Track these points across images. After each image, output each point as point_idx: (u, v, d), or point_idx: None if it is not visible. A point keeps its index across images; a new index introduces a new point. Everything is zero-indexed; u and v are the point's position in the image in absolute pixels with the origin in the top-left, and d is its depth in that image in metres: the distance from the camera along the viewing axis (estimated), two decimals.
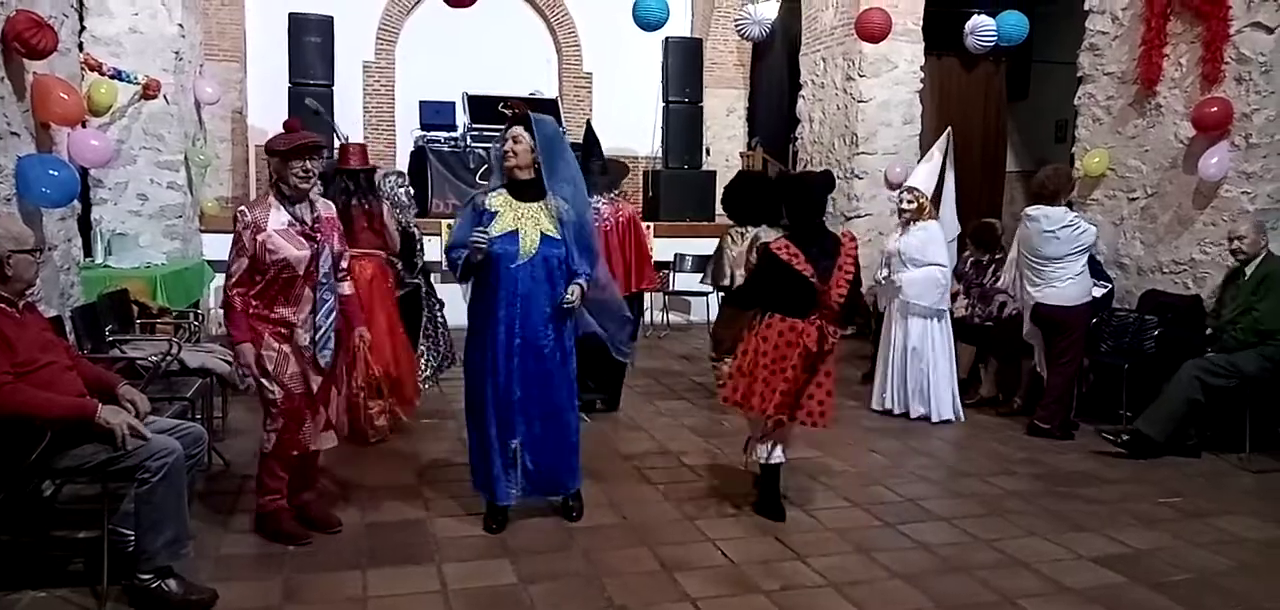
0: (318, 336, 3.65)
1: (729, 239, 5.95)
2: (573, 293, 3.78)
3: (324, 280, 3.66)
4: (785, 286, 3.93)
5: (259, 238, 3.56)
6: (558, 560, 3.63)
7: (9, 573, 3.26)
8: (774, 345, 3.94)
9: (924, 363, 5.90)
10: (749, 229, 5.82)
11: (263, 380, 3.61)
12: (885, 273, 6.09)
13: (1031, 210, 5.68)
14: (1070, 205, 5.80)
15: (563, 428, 3.95)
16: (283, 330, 3.61)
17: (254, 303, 3.60)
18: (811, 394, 3.95)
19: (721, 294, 6.19)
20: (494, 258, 3.74)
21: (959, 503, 4.43)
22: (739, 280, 5.64)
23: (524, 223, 3.78)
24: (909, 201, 5.96)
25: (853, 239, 4.08)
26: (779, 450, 4.12)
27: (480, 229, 3.74)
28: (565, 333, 3.90)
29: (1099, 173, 6.71)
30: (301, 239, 3.62)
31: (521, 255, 3.74)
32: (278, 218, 3.61)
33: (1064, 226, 5.53)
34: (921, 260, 5.86)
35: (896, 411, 5.97)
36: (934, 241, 5.92)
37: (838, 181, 9.21)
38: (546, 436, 3.91)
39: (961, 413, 5.96)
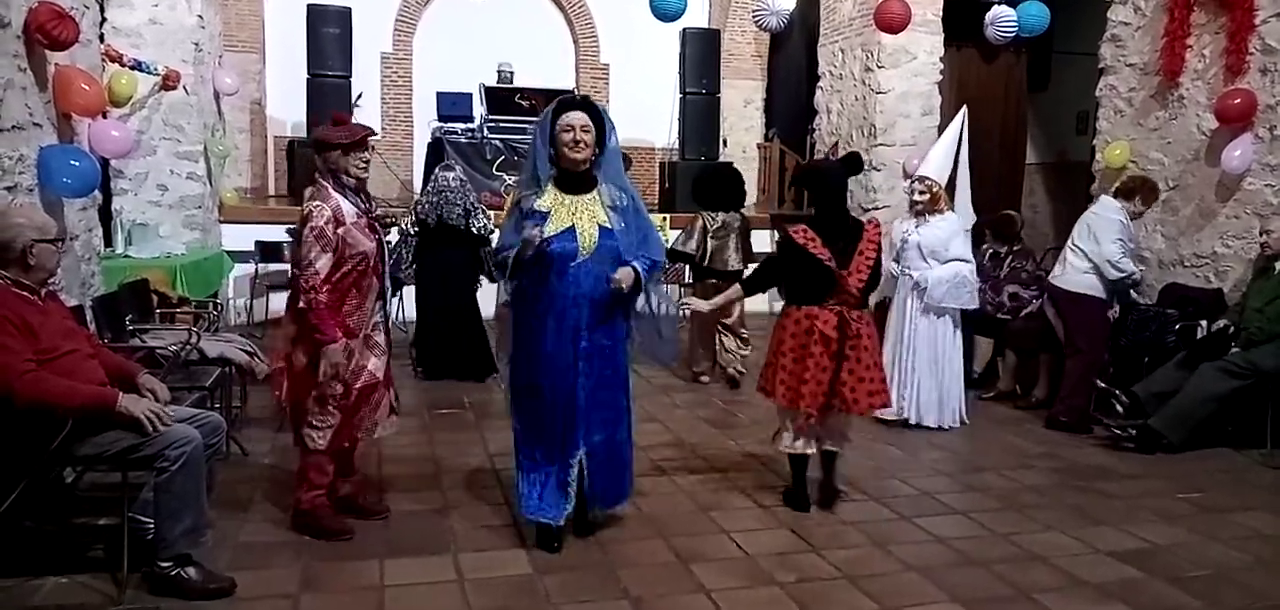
0: (383, 323, 3.73)
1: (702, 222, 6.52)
2: (621, 275, 3.43)
3: (386, 269, 3.72)
4: (802, 272, 3.94)
5: (340, 230, 3.49)
6: (573, 551, 3.63)
7: (32, 559, 3.30)
8: (792, 334, 3.98)
9: (940, 367, 5.47)
10: (719, 215, 6.50)
11: (333, 379, 3.52)
12: (896, 266, 5.60)
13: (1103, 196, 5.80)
14: (1132, 214, 5.64)
15: (623, 435, 3.70)
16: (348, 324, 3.56)
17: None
18: (844, 381, 3.94)
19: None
20: (552, 258, 3.43)
21: (976, 496, 4.41)
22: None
23: (579, 217, 3.48)
24: (921, 192, 5.45)
25: (876, 225, 4.06)
26: (828, 437, 4.12)
27: (534, 228, 3.42)
28: (623, 330, 3.63)
29: (1120, 165, 6.64)
30: (368, 229, 3.62)
31: (581, 252, 3.45)
32: (349, 209, 3.56)
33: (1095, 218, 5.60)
34: (945, 256, 5.39)
35: (910, 420, 5.45)
36: (957, 235, 5.45)
37: (851, 159, 9.14)
38: (606, 449, 3.63)
39: (965, 415, 5.59)
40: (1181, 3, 6.07)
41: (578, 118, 3.49)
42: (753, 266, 5.66)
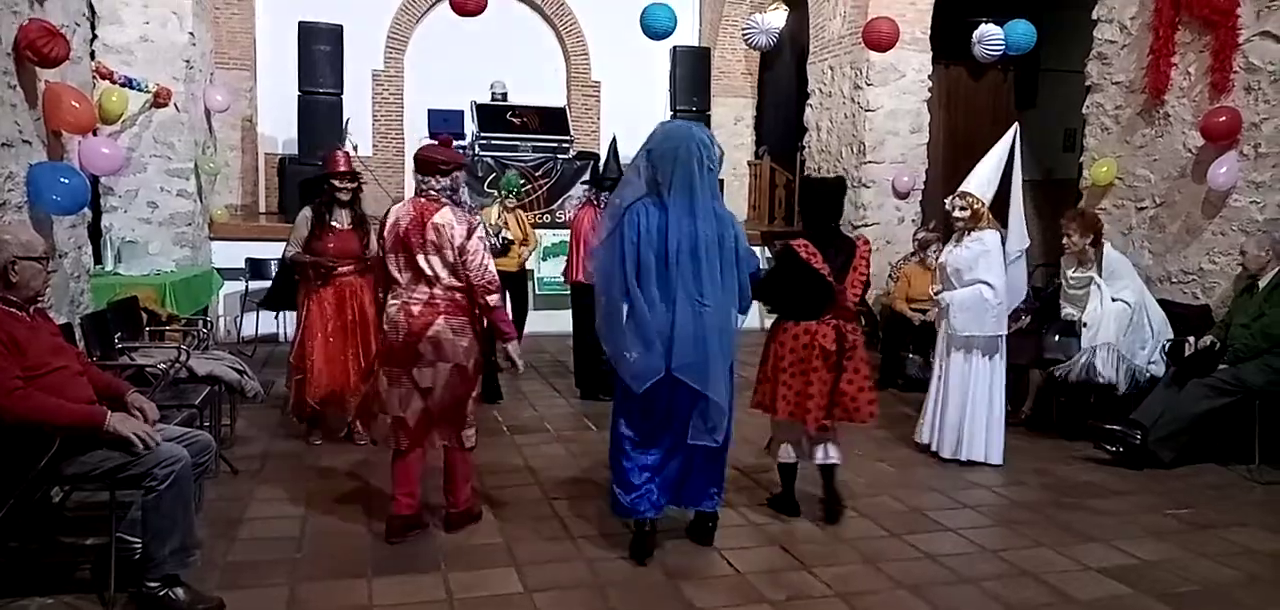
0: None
1: None
2: None
3: None
4: (803, 285, 4.05)
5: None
6: (563, 571, 3.63)
7: (17, 579, 3.28)
8: (790, 349, 4.09)
9: (967, 397, 5.14)
10: None
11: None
12: (937, 288, 5.36)
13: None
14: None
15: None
16: None
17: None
18: (844, 391, 4.07)
19: None
20: None
21: (966, 513, 4.42)
22: None
23: None
24: (961, 209, 5.13)
25: (866, 242, 4.23)
26: (825, 448, 4.20)
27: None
28: None
29: (1107, 182, 6.70)
30: None
31: None
32: None
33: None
34: (967, 277, 5.05)
35: (939, 452, 5.22)
36: (986, 255, 5.04)
37: (845, 181, 9.22)
38: None
39: (1000, 456, 5.19)
40: (1166, 22, 6.13)
41: None
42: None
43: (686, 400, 3.57)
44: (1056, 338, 5.84)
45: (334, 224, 5.19)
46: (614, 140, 6.88)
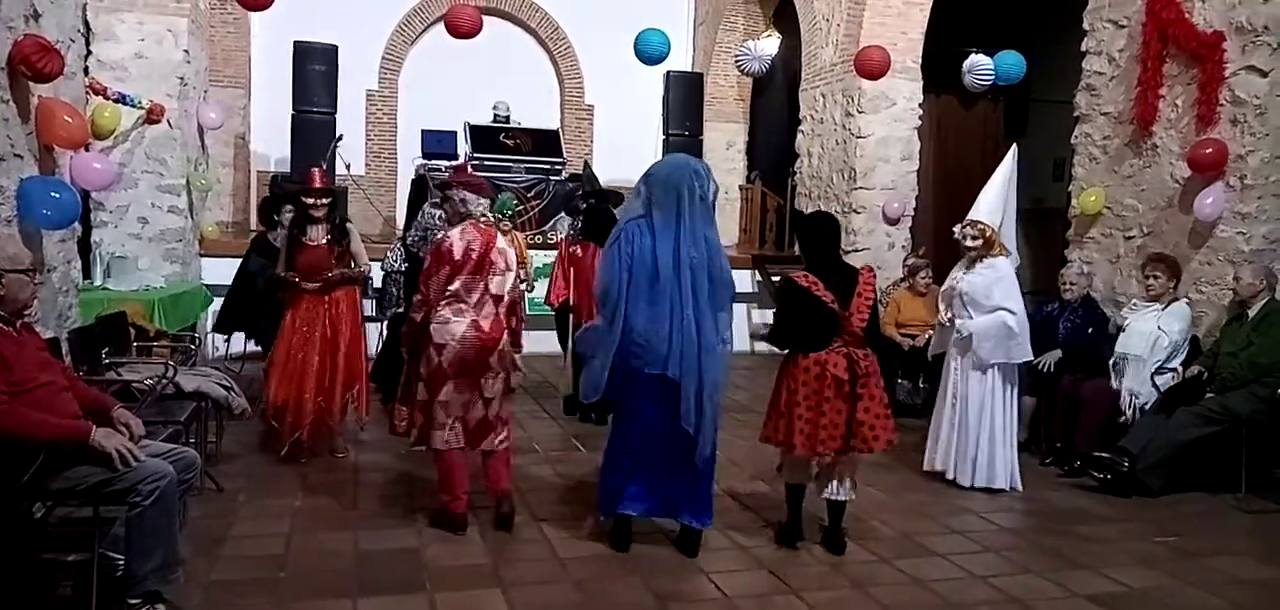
0: None
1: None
2: None
3: None
4: (808, 315, 4.01)
5: None
6: (550, 592, 3.61)
7: None
8: (803, 382, 4.01)
9: (985, 424, 5.13)
10: None
11: None
12: (948, 315, 5.30)
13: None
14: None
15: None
16: None
17: None
18: (861, 421, 4.00)
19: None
20: None
21: (955, 539, 4.42)
22: None
23: None
24: (973, 237, 5.15)
25: (870, 270, 4.21)
26: (840, 484, 4.17)
27: None
28: None
29: (1095, 211, 6.74)
30: None
31: None
32: None
33: None
34: (986, 305, 5.07)
35: (949, 477, 5.22)
36: (1003, 281, 5.08)
37: (836, 216, 9.29)
38: None
39: (1019, 482, 5.22)
40: (1154, 54, 6.20)
41: None
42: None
43: (672, 412, 3.82)
44: (1089, 329, 5.98)
45: (306, 241, 5.22)
46: (586, 163, 6.90)
